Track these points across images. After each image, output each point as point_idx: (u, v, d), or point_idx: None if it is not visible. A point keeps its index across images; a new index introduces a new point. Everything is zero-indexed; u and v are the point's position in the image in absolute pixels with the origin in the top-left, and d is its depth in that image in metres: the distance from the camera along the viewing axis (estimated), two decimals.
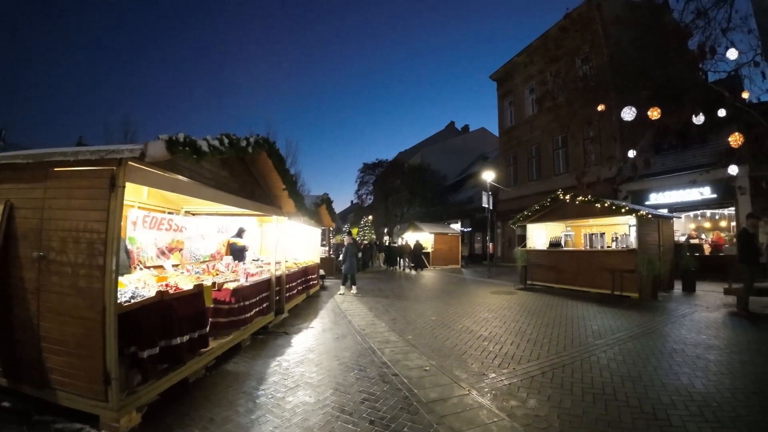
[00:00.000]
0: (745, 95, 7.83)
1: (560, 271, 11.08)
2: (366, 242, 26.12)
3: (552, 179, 19.12)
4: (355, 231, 37.54)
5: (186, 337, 3.86)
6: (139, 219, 5.79)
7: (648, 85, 9.19)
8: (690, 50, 8.11)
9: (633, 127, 10.99)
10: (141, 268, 5.39)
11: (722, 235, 13.28)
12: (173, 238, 6.57)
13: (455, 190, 31.92)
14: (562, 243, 11.75)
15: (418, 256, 19.98)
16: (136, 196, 5.62)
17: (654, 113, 7.66)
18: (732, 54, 7.20)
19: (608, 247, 10.33)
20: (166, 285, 4.23)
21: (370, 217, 37.53)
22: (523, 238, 13.47)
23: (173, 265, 6.11)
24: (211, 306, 4.79)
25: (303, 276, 9.27)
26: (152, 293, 3.66)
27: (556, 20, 15.59)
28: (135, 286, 3.92)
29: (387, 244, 25.65)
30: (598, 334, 5.93)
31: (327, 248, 17.75)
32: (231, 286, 5.19)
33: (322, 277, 12.53)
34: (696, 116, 7.80)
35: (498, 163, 23.94)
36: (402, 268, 20.65)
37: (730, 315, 7.04)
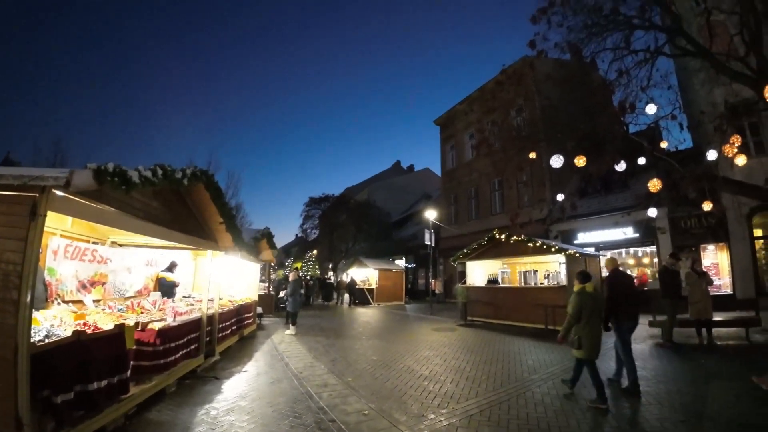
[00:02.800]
0: (664, 145, 8.75)
1: (498, 306, 11.45)
2: (309, 277, 25.58)
3: (489, 219, 20.07)
4: (299, 265, 36.61)
5: (104, 382, 3.53)
6: (61, 248, 5.28)
7: (574, 135, 10.07)
8: (613, 105, 9.03)
9: (561, 173, 11.90)
10: (59, 303, 4.91)
11: (646, 271, 14.37)
12: (96, 271, 6.03)
13: (400, 226, 32.45)
14: (499, 280, 12.22)
15: (353, 292, 20.65)
16: (59, 223, 5.15)
17: (580, 161, 8.34)
18: (651, 109, 8.12)
19: (541, 283, 10.90)
20: (84, 324, 3.88)
21: (315, 251, 36.90)
22: (463, 275, 13.86)
23: (94, 301, 5.60)
24: (134, 348, 4.40)
25: (238, 315, 8.76)
26: (68, 332, 3.36)
27: (494, 74, 16.92)
28: (51, 324, 3.60)
29: (323, 279, 25.47)
30: (533, 369, 6.14)
31: (267, 284, 17.08)
32: (156, 326, 4.82)
33: (260, 316, 11.95)
34: (617, 164, 8.62)
35: (440, 202, 24.79)
36: (339, 303, 21.06)
37: (655, 346, 7.56)
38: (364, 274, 22.64)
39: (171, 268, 7.59)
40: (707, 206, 8.61)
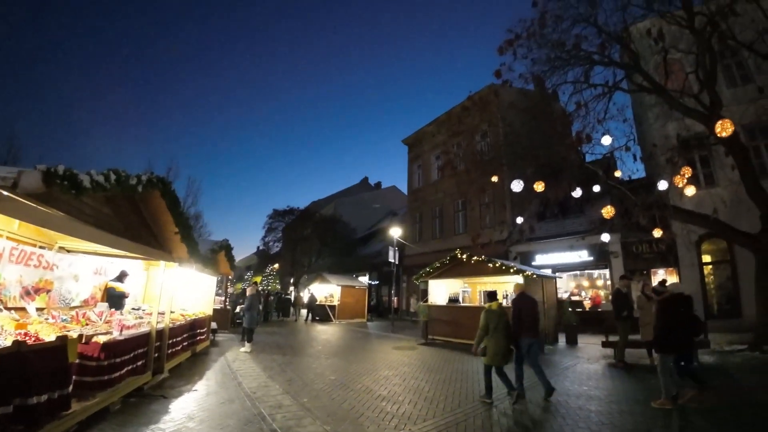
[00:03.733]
0: (618, 174, 9.25)
1: (458, 325, 11.55)
2: (268, 292, 24.92)
3: (452, 238, 20.46)
4: (258, 279, 35.58)
5: (44, 397, 3.31)
6: (6, 251, 4.94)
7: (534, 162, 10.53)
8: (571, 135, 9.53)
9: (522, 197, 12.36)
10: (1, 309, 4.57)
11: (600, 292, 14.96)
12: (41, 277, 5.64)
13: (365, 243, 32.39)
14: (460, 299, 12.38)
15: (313, 309, 20.47)
16: (6, 224, 4.81)
17: (538, 186, 8.70)
18: (606, 140, 8.60)
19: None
20: (25, 334, 3.65)
21: (276, 265, 36.08)
22: (426, 293, 13.94)
23: (38, 309, 5.24)
24: (76, 362, 4.14)
25: (190, 330, 8.34)
26: (9, 342, 3.17)
27: (462, 98, 17.53)
28: None
29: (279, 294, 24.95)
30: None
31: (223, 298, 16.48)
32: (101, 339, 4.56)
33: (214, 331, 11.46)
34: (574, 191, 9.03)
35: (405, 220, 25.08)
36: (296, 319, 20.82)
37: (608, 366, 7.81)
38: (327, 290, 22.32)
39: (121, 277, 7.21)
40: (658, 233, 9.09)
